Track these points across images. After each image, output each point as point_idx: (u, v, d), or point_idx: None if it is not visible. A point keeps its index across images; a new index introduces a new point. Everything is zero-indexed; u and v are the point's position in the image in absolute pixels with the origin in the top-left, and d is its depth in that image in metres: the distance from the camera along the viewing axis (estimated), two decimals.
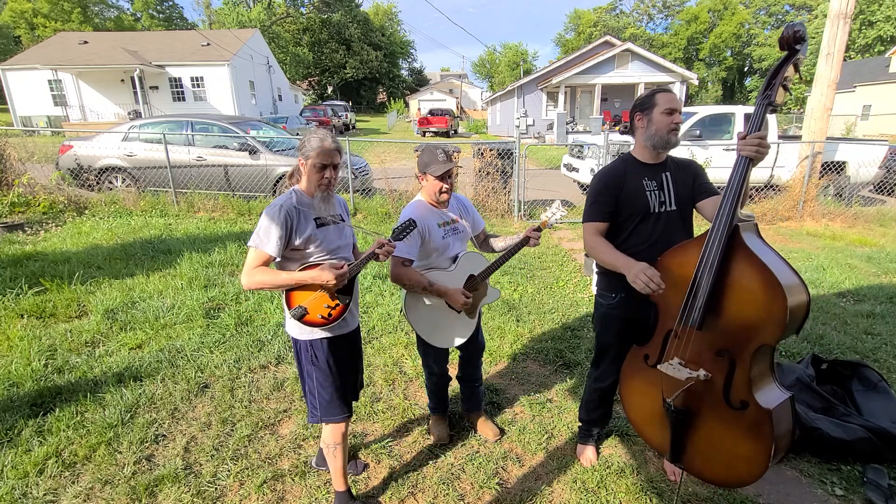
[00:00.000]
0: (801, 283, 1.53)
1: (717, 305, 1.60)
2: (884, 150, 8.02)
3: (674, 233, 1.94)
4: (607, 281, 2.08)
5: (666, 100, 1.89)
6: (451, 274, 2.18)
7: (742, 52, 51.40)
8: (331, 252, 1.84)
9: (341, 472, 1.99)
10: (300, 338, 1.86)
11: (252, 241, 1.74)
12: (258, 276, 1.72)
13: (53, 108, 23.02)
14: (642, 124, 1.95)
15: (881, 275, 5.13)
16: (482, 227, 2.45)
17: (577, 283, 4.82)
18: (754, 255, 1.53)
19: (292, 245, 1.76)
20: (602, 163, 7.27)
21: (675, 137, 1.90)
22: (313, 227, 1.79)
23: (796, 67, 1.56)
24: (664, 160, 1.99)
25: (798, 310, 1.49)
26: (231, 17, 39.99)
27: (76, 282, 4.31)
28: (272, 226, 1.71)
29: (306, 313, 1.76)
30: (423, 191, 2.20)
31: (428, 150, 2.14)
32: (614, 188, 1.95)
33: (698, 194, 1.97)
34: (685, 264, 1.68)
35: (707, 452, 1.69)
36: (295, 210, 1.76)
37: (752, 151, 1.57)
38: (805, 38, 1.52)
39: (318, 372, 1.88)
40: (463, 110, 45.73)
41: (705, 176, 2.03)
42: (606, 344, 2.17)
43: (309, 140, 1.77)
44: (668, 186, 1.96)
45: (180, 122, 7.82)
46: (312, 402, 1.91)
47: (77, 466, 2.28)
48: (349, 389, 2.01)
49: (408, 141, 12.66)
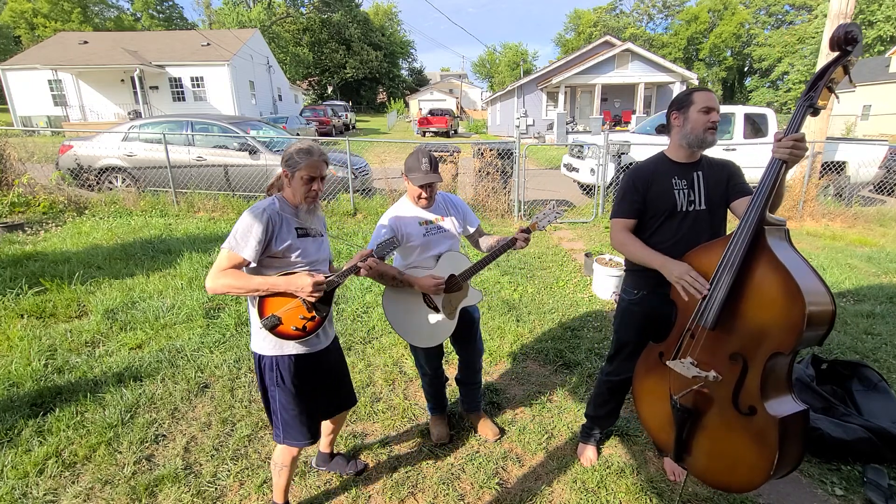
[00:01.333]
0: (826, 292, 1.46)
1: (734, 307, 1.57)
2: (884, 150, 8.01)
3: (701, 232, 1.92)
4: (633, 278, 2.08)
5: (703, 98, 1.87)
6: (432, 273, 2.18)
7: (742, 52, 51.38)
8: (309, 264, 1.78)
9: (283, 489, 1.94)
10: (266, 354, 1.76)
11: (227, 242, 1.64)
12: (226, 278, 1.62)
13: (53, 108, 23.00)
14: (679, 122, 1.93)
15: (881, 275, 5.14)
16: (476, 225, 2.41)
17: (577, 283, 4.82)
18: (776, 258, 1.48)
19: (271, 251, 1.69)
20: (602, 163, 7.27)
21: (711, 136, 1.87)
22: (294, 235, 1.73)
23: (845, 69, 1.50)
24: (698, 159, 1.97)
25: (818, 319, 1.42)
26: (231, 17, 39.99)
27: (76, 282, 4.32)
28: (252, 228, 1.63)
29: (280, 323, 1.68)
30: (407, 191, 2.23)
31: (415, 156, 2.13)
32: (643, 185, 1.94)
33: (732, 194, 1.95)
34: (708, 263, 1.66)
35: (710, 454, 1.68)
36: (278, 215, 1.70)
37: (786, 153, 1.53)
38: (858, 39, 1.45)
39: (281, 393, 1.78)
40: (463, 110, 45.72)
41: (741, 176, 1.99)
42: (625, 340, 2.16)
43: (296, 152, 1.72)
44: (698, 186, 1.94)
45: (180, 122, 7.81)
46: (276, 421, 1.82)
47: (77, 466, 2.28)
48: (317, 412, 1.91)
49: (408, 141, 12.66)
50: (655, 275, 1.84)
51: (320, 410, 1.94)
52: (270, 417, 1.86)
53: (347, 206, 7.33)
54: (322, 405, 1.94)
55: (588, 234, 6.78)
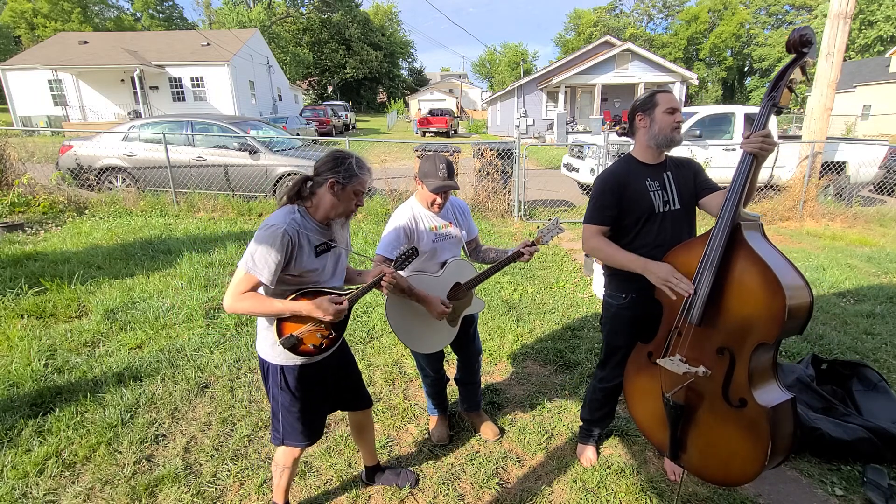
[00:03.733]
0: (803, 283, 1.52)
1: (718, 302, 1.61)
2: (884, 150, 8.02)
3: (681, 232, 1.95)
4: (617, 282, 2.08)
5: (666, 99, 1.91)
6: (437, 279, 2.16)
7: (742, 52, 51.41)
8: (325, 281, 1.72)
9: (283, 489, 1.93)
10: (274, 362, 1.73)
11: (244, 263, 1.56)
12: (246, 301, 1.57)
13: (53, 108, 23.01)
14: (644, 124, 1.96)
15: (881, 275, 5.14)
16: (475, 234, 2.41)
17: (577, 283, 4.82)
18: (755, 252, 1.54)
19: (288, 271, 1.61)
20: (602, 163, 7.27)
21: (678, 135, 1.92)
22: (313, 255, 1.65)
23: (803, 70, 1.58)
24: (664, 160, 2.01)
25: (798, 310, 1.49)
26: (231, 17, 40.00)
27: (76, 282, 4.32)
28: (271, 251, 1.54)
29: (300, 343, 1.64)
30: (418, 195, 2.19)
31: (431, 160, 2.08)
32: (617, 190, 1.94)
33: (700, 191, 1.99)
34: (689, 262, 1.70)
35: (704, 450, 1.70)
36: (297, 235, 1.59)
37: (756, 147, 1.59)
38: (812, 41, 1.55)
39: (284, 396, 1.76)
40: (463, 110, 45.74)
41: (705, 172, 2.05)
42: (616, 345, 2.15)
43: (354, 164, 1.62)
44: (670, 186, 1.97)
45: (180, 122, 7.82)
46: (276, 424, 1.81)
47: (77, 466, 2.28)
48: (320, 413, 1.90)
49: (408, 141, 12.66)
50: (639, 276, 1.84)
51: (325, 410, 1.93)
52: (271, 418, 1.85)
53: None
54: (328, 404, 1.94)
55: None
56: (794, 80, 1.59)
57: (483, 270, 2.21)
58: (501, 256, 2.27)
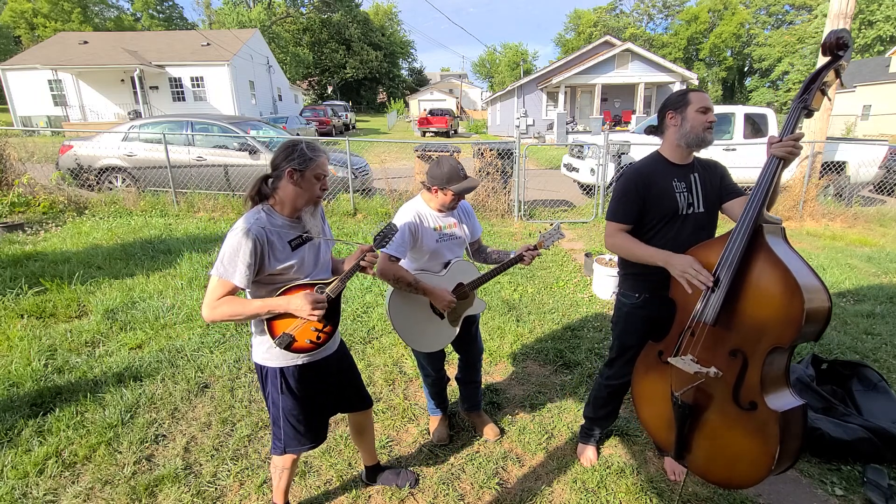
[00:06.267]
0: (823, 288, 1.49)
1: (734, 302, 1.59)
2: (884, 150, 8.02)
3: (700, 234, 1.93)
4: (632, 282, 2.07)
5: (699, 98, 1.88)
6: (441, 279, 2.18)
7: (742, 52, 51.38)
8: (308, 274, 1.69)
9: (283, 490, 1.93)
10: (271, 365, 1.70)
11: (215, 269, 1.53)
12: (224, 307, 1.53)
13: (53, 108, 23.00)
14: (675, 122, 1.92)
15: (881, 275, 5.14)
16: (479, 235, 2.41)
17: (577, 283, 4.82)
18: (775, 255, 1.51)
19: (265, 272, 1.58)
20: (602, 163, 7.27)
21: (710, 135, 1.88)
22: (288, 250, 1.62)
23: (837, 73, 1.56)
24: (692, 161, 1.97)
25: (816, 314, 1.46)
26: (231, 17, 39.99)
27: (76, 282, 4.32)
28: (239, 253, 1.51)
29: (294, 341, 1.62)
30: (431, 199, 2.17)
31: (447, 164, 2.07)
32: (642, 188, 1.92)
33: (725, 195, 1.96)
34: (708, 260, 1.67)
35: (711, 451, 1.68)
36: (265, 233, 1.55)
37: (785, 152, 1.57)
38: (849, 44, 1.52)
39: (286, 400, 1.72)
40: (463, 110, 45.73)
41: (730, 177, 2.01)
42: (628, 344, 2.13)
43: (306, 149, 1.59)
44: (696, 188, 1.94)
45: (180, 122, 7.81)
46: (277, 432, 1.77)
47: (77, 466, 2.28)
48: (324, 413, 1.88)
49: (408, 141, 12.65)
50: (654, 277, 1.83)
51: (326, 412, 1.91)
52: (271, 427, 1.81)
53: (347, 206, 7.33)
54: (329, 406, 1.91)
55: (588, 234, 6.78)
56: (827, 83, 1.56)
57: (486, 272, 2.22)
58: (503, 258, 2.30)
